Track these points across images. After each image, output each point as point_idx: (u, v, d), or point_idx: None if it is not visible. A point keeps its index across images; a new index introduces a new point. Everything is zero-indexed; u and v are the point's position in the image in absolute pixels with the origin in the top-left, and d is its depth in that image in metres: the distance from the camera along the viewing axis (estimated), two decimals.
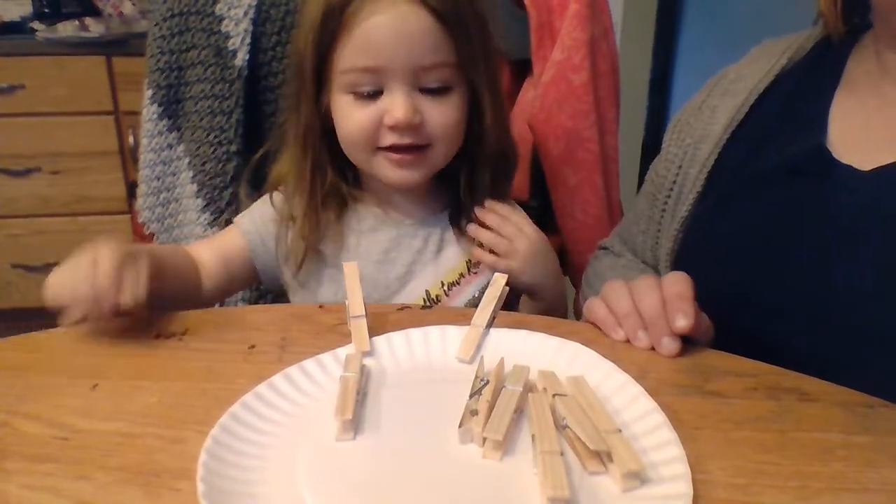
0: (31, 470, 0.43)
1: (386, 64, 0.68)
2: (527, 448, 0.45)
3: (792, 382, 0.53)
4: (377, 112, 0.70)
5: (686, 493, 0.39)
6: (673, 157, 0.76)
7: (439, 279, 0.77)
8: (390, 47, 0.67)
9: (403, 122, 0.68)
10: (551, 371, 0.51)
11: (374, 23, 0.67)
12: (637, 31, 2.01)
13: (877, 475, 0.43)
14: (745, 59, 0.75)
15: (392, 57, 0.67)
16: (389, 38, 0.67)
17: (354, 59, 0.69)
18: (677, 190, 0.74)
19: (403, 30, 0.67)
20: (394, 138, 0.70)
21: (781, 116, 0.68)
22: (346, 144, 0.74)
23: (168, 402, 0.50)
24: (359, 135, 0.71)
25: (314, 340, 0.58)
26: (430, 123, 0.70)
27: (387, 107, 0.69)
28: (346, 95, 0.71)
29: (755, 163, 0.67)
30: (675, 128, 0.77)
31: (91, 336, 0.58)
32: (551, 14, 0.96)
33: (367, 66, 0.68)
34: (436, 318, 0.62)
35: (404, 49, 0.67)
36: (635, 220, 0.82)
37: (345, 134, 0.73)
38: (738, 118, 0.70)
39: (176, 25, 0.98)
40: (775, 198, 0.65)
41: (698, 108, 0.75)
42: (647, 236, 0.79)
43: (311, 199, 0.76)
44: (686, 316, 0.55)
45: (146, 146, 1.03)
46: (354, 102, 0.70)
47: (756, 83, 0.70)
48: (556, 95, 0.96)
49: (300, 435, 0.46)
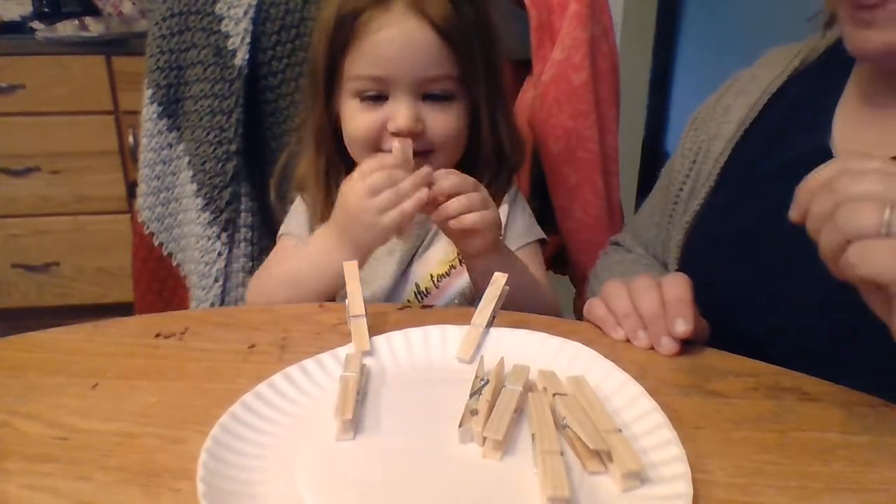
0: (31, 470, 0.43)
1: (392, 74, 0.72)
2: (527, 448, 0.45)
3: (792, 382, 0.53)
4: (381, 117, 0.73)
5: (686, 493, 0.39)
6: (688, 152, 0.77)
7: (429, 272, 0.79)
8: (396, 59, 0.71)
9: (405, 129, 0.72)
10: (551, 371, 0.51)
11: (383, 36, 0.71)
12: (637, 31, 2.01)
13: (877, 475, 0.43)
14: (761, 60, 0.77)
15: (398, 68, 0.71)
16: (396, 52, 0.71)
17: (363, 67, 0.73)
18: (690, 185, 0.76)
19: (409, 44, 0.71)
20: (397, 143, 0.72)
21: (790, 117, 0.69)
22: (350, 146, 0.78)
23: (168, 402, 0.50)
24: (363, 138, 0.75)
25: (314, 340, 0.58)
26: (431, 131, 0.74)
27: (391, 113, 0.73)
28: (354, 99, 0.75)
29: (763, 162, 0.69)
30: (693, 125, 0.79)
31: (91, 336, 0.59)
32: (551, 14, 0.96)
33: (374, 74, 0.72)
34: (436, 317, 0.62)
35: (409, 62, 0.72)
36: (649, 213, 0.84)
37: (350, 136, 0.76)
38: (751, 117, 0.72)
39: (176, 25, 0.98)
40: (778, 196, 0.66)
41: (713, 107, 0.77)
42: (659, 229, 0.81)
43: (326, 196, 0.79)
44: (685, 320, 0.55)
45: (146, 145, 1.03)
46: (360, 106, 0.74)
47: (769, 84, 0.72)
48: (556, 95, 0.96)
49: (300, 435, 0.46)
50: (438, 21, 0.71)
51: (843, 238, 0.42)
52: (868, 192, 0.42)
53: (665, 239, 0.79)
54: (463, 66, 0.74)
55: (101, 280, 2.09)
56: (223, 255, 0.98)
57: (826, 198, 0.44)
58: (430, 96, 0.74)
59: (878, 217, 0.40)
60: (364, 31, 0.71)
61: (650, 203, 0.85)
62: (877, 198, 0.41)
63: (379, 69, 0.72)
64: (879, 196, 0.41)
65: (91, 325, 0.60)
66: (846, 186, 0.43)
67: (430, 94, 0.73)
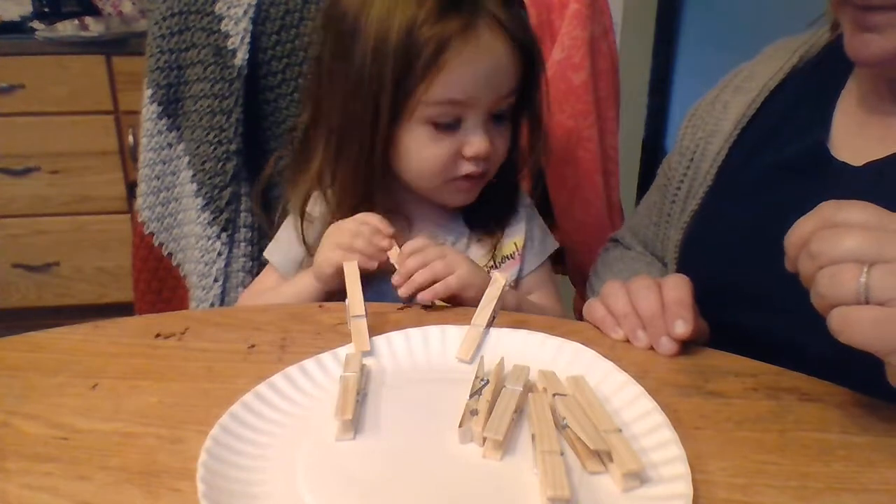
0: (30, 470, 0.43)
1: (476, 98, 0.70)
2: (527, 448, 0.45)
3: (792, 382, 0.53)
4: (455, 144, 0.72)
5: (686, 493, 0.39)
6: (685, 149, 0.77)
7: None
8: (483, 83, 0.70)
9: (484, 154, 0.72)
10: (551, 371, 0.51)
11: (473, 61, 0.69)
12: (637, 31, 2.01)
13: (877, 475, 0.43)
14: (759, 56, 0.76)
15: (483, 92, 0.70)
16: (483, 76, 0.70)
17: (444, 93, 0.69)
18: (688, 182, 0.76)
19: (497, 67, 0.70)
20: (470, 168, 0.73)
21: (788, 115, 0.69)
22: (416, 173, 0.75)
23: (168, 402, 0.50)
24: (437, 166, 0.73)
25: (314, 340, 0.58)
26: (495, 152, 0.74)
27: (466, 139, 0.72)
28: (425, 126, 0.71)
29: (760, 159, 0.69)
30: (690, 122, 0.79)
31: (91, 336, 0.59)
32: (551, 13, 0.96)
33: (457, 99, 0.70)
34: (436, 318, 0.62)
35: (495, 83, 0.71)
36: (647, 211, 0.84)
37: (419, 164, 0.73)
38: (749, 114, 0.71)
39: (175, 25, 0.98)
40: (774, 194, 0.66)
41: (711, 104, 0.76)
42: (658, 228, 0.81)
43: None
44: (685, 322, 0.55)
45: (146, 145, 1.03)
46: (435, 133, 0.71)
47: (767, 81, 0.72)
48: (556, 95, 0.96)
49: (300, 435, 0.46)
50: (520, 35, 0.70)
51: (827, 303, 0.42)
52: (846, 254, 0.41)
53: (663, 238, 0.79)
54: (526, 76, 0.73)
55: (101, 280, 2.09)
56: (223, 255, 0.98)
57: (808, 263, 0.43)
58: (496, 117, 0.73)
59: (855, 283, 0.40)
60: (451, 58, 0.68)
61: (647, 201, 0.85)
62: (856, 258, 0.40)
63: (463, 94, 0.70)
64: (858, 256, 0.40)
65: (91, 325, 0.60)
66: (825, 250, 0.42)
67: (497, 115, 0.73)
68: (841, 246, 0.41)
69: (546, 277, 0.85)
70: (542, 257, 0.84)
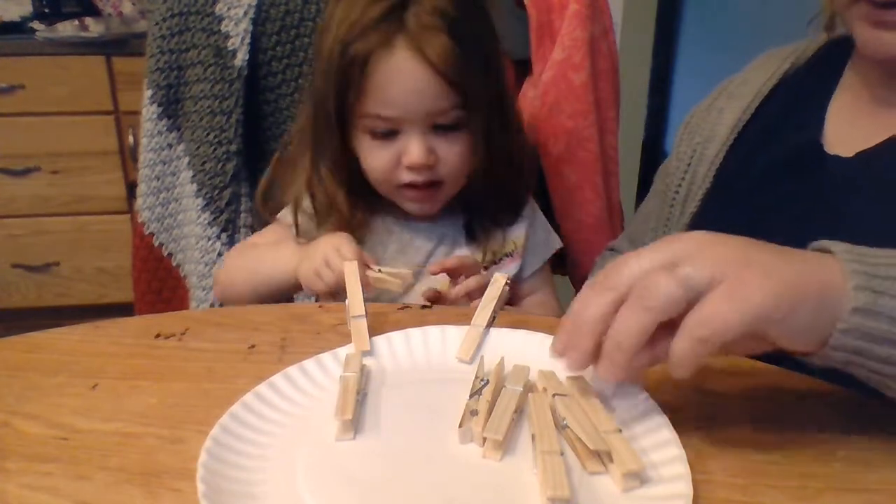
0: (30, 470, 0.43)
1: (400, 114, 0.73)
2: (527, 448, 0.45)
3: (792, 382, 0.53)
4: (395, 152, 0.74)
5: (686, 493, 0.39)
6: (682, 155, 0.78)
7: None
8: (402, 101, 0.72)
9: (419, 163, 0.73)
10: (551, 371, 0.51)
11: (389, 79, 0.71)
12: (637, 31, 2.01)
13: (877, 475, 0.43)
14: (751, 65, 0.78)
15: (405, 109, 0.72)
16: (401, 94, 0.72)
17: (372, 107, 0.73)
18: (685, 188, 0.76)
19: (414, 86, 0.71)
20: (411, 177, 0.75)
21: (782, 117, 0.71)
22: (371, 179, 0.78)
23: (168, 402, 0.50)
24: (380, 173, 0.77)
25: (314, 340, 0.58)
26: (443, 162, 0.75)
27: (403, 148, 0.74)
28: (366, 135, 0.76)
29: (756, 161, 0.70)
30: (686, 129, 0.79)
31: (91, 336, 0.59)
32: (551, 13, 0.96)
33: (383, 114, 0.73)
34: (436, 318, 0.62)
35: (415, 102, 0.72)
36: (644, 218, 0.84)
37: (368, 171, 0.78)
38: (744, 119, 0.73)
39: (176, 25, 0.98)
40: (771, 193, 0.67)
41: (706, 110, 0.77)
42: (656, 233, 0.81)
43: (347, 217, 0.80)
44: None
45: (146, 146, 1.03)
46: (374, 143, 0.75)
47: (760, 87, 0.73)
48: (556, 95, 0.96)
49: (300, 435, 0.46)
50: (438, 62, 0.70)
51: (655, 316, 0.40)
52: (639, 271, 0.41)
53: None
54: (467, 98, 0.74)
55: (101, 280, 2.09)
56: (223, 255, 0.98)
57: (609, 295, 0.42)
58: (440, 126, 0.74)
59: (673, 279, 0.39)
60: (371, 72, 0.71)
61: (645, 209, 0.85)
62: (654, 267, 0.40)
63: (388, 110, 0.72)
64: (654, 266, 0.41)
65: (91, 326, 0.60)
66: (614, 277, 0.42)
67: (440, 125, 0.74)
68: (629, 269, 0.42)
69: (548, 277, 0.85)
70: (546, 255, 0.84)
